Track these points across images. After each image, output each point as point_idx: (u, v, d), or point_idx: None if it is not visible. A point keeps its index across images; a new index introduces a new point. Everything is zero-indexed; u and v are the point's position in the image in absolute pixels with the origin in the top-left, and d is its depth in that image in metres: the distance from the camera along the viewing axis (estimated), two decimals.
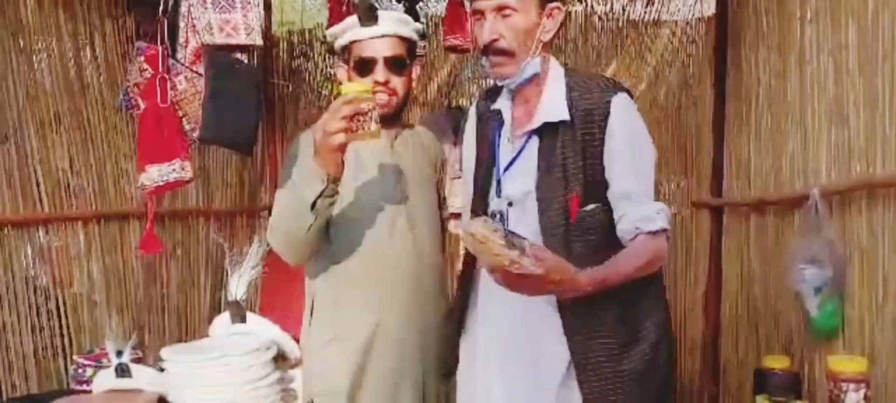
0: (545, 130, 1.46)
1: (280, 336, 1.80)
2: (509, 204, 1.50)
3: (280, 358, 1.78)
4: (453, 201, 2.09)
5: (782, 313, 2.36)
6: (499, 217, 1.50)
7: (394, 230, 1.66)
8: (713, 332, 3.18)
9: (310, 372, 1.73)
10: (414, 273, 1.68)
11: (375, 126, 1.39)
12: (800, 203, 2.19)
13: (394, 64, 1.65)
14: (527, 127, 1.49)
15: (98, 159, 2.82)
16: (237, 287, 1.81)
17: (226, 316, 1.82)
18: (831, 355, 1.81)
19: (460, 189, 1.83)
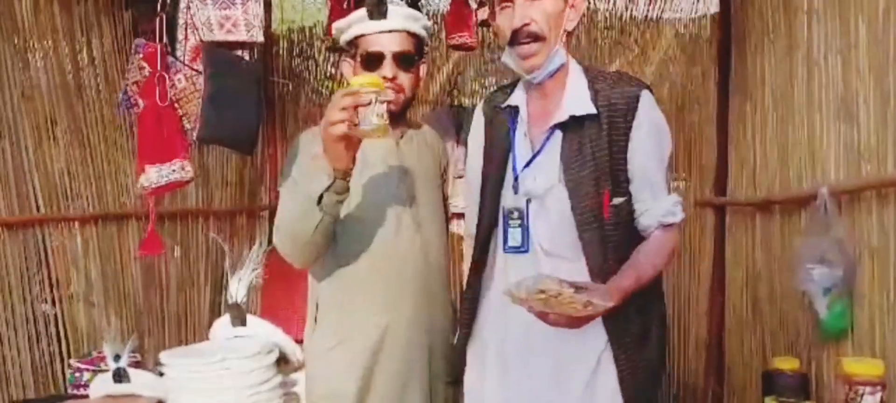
0: (569, 125, 1.45)
1: (282, 338, 1.76)
2: (528, 200, 1.47)
3: (282, 362, 1.74)
4: (456, 201, 2.06)
5: (789, 313, 2.33)
6: (517, 214, 1.47)
7: (400, 231, 1.63)
8: (717, 332, 3.15)
9: (314, 377, 1.70)
10: (421, 273, 1.65)
11: (381, 120, 1.34)
12: (807, 202, 2.17)
13: (402, 60, 1.62)
14: (549, 121, 1.47)
15: (95, 159, 2.79)
16: (238, 289, 1.76)
17: (226, 319, 1.78)
18: (842, 356, 1.78)
19: (463, 188, 1.80)
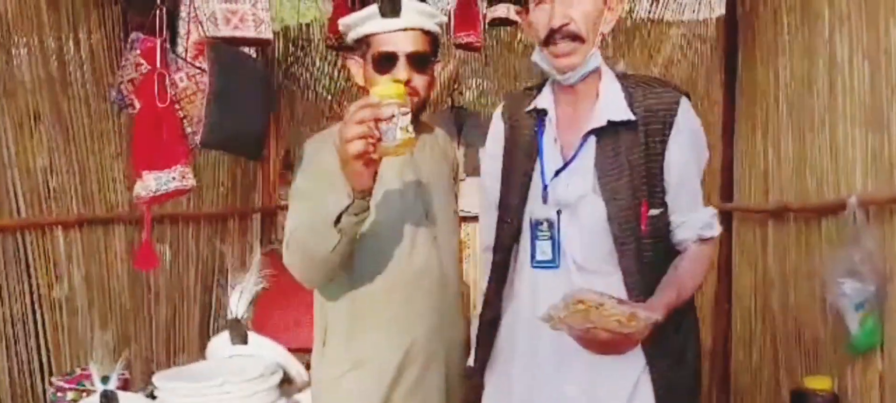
0: (603, 131, 1.37)
1: (286, 358, 1.65)
2: (559, 210, 1.38)
3: (285, 383, 1.63)
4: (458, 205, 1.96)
5: (806, 325, 2.27)
6: (547, 224, 1.38)
7: (416, 246, 1.53)
8: (723, 339, 3.10)
9: None
10: (437, 289, 1.55)
11: (405, 135, 1.21)
12: (828, 212, 2.10)
13: (417, 60, 1.50)
14: (581, 126, 1.39)
15: (81, 160, 2.64)
16: (238, 304, 1.65)
17: (225, 336, 1.67)
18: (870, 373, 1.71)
19: (464, 191, 1.76)
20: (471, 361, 1.64)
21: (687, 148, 1.37)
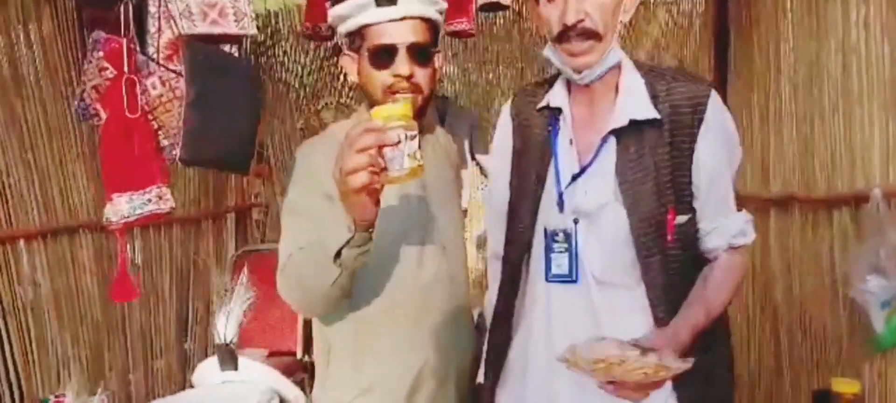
0: (624, 132, 1.24)
1: (279, 382, 1.53)
2: (576, 219, 1.26)
3: None
4: None
5: (815, 319, 2.20)
6: (564, 235, 1.25)
7: (423, 259, 1.39)
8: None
9: None
10: (448, 302, 1.43)
11: (413, 162, 1.06)
12: (841, 203, 2.02)
13: (418, 52, 1.34)
14: (601, 126, 1.25)
15: (41, 166, 2.44)
16: (226, 328, 1.51)
17: (213, 362, 1.53)
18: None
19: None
20: (480, 377, 1.52)
21: (718, 146, 1.24)
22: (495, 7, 2.48)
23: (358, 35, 1.38)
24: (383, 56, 1.34)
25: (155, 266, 2.98)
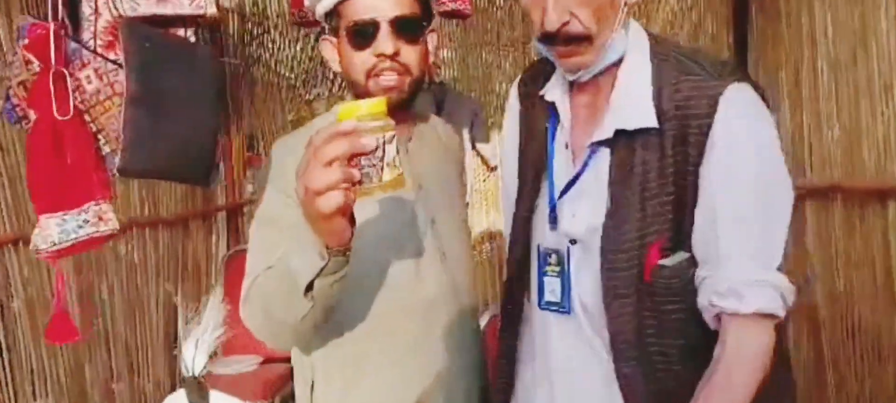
0: (617, 141, 0.99)
1: None
2: (572, 241, 1.04)
3: None
4: None
5: (863, 318, 1.99)
6: (556, 259, 1.04)
7: (421, 268, 1.18)
8: None
9: None
10: (451, 315, 1.22)
11: (393, 171, 0.83)
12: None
13: (404, 27, 1.12)
14: (593, 133, 1.01)
15: (10, 168, 2.26)
16: (195, 358, 1.30)
17: (181, 396, 1.32)
18: None
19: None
20: None
21: (729, 167, 0.92)
22: None
23: (335, 14, 1.16)
24: (363, 34, 1.12)
25: (140, 270, 2.81)
